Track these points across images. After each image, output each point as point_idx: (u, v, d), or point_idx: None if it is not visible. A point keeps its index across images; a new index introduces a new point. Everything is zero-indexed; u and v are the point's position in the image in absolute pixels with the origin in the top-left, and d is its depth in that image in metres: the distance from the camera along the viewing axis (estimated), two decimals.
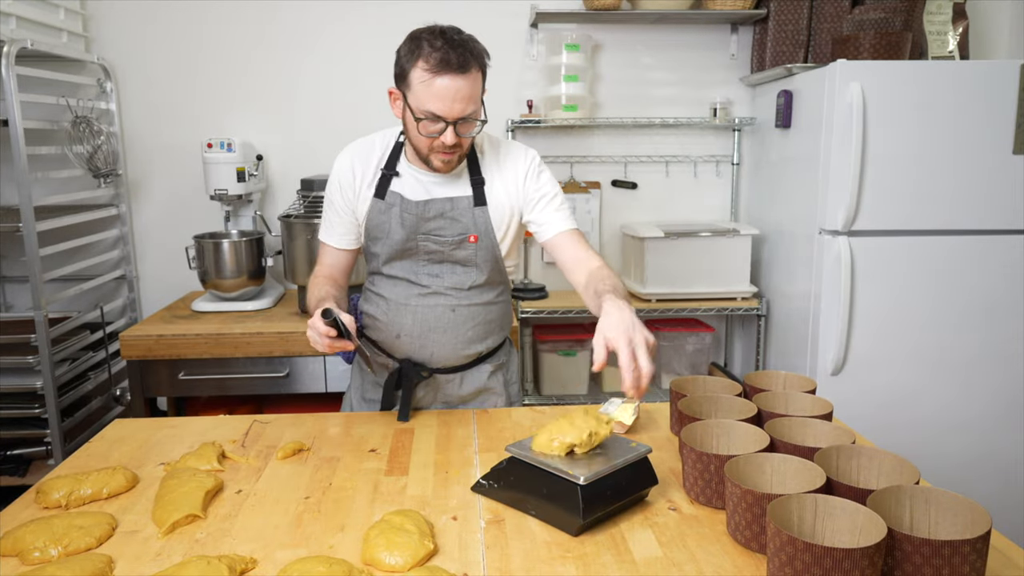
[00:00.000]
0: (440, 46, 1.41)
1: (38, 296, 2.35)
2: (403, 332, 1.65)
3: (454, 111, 1.44)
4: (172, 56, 2.89)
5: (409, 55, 1.45)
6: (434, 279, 1.63)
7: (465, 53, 1.42)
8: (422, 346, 1.65)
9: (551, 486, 1.17)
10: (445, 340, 1.65)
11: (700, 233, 2.81)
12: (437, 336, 1.64)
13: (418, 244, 1.60)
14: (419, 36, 1.45)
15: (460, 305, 1.64)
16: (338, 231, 1.67)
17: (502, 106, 2.97)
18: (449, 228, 1.59)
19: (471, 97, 1.45)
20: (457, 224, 1.59)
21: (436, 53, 1.41)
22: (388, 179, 1.61)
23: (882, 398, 2.52)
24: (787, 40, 2.82)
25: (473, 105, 1.46)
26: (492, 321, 1.70)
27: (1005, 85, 2.37)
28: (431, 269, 1.63)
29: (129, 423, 1.63)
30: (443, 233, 1.59)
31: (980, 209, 2.44)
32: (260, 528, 1.17)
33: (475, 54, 1.45)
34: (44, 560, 1.07)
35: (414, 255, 1.62)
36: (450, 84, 1.42)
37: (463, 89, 1.43)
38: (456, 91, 1.42)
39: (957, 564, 0.92)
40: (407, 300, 1.64)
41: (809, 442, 1.31)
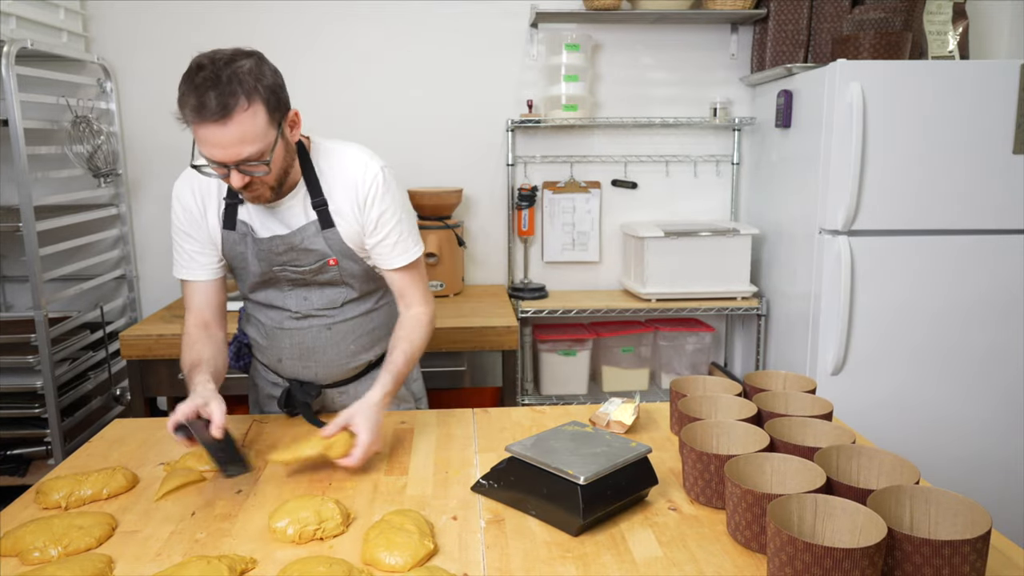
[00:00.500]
0: (195, 85, 1.25)
1: (38, 296, 2.35)
2: (283, 355, 1.61)
3: (229, 156, 1.29)
4: (172, 56, 2.86)
5: (180, 92, 1.29)
6: (303, 302, 1.56)
7: (223, 94, 1.24)
8: (305, 367, 1.61)
9: (551, 486, 1.17)
10: (327, 359, 1.60)
11: (700, 233, 2.81)
12: (318, 356, 1.60)
13: (277, 274, 1.53)
14: (190, 69, 1.28)
15: (335, 323, 1.58)
16: (199, 261, 1.55)
17: (502, 106, 2.97)
18: (304, 257, 1.50)
19: (243, 140, 1.27)
20: (311, 253, 1.49)
21: (191, 98, 1.25)
22: (234, 208, 1.49)
23: (882, 398, 2.52)
24: (787, 40, 2.82)
25: (250, 146, 1.28)
26: (376, 328, 1.63)
27: (1005, 85, 2.37)
28: (298, 293, 1.56)
29: (129, 423, 1.63)
30: (299, 263, 1.50)
31: (980, 209, 2.44)
32: (260, 528, 1.17)
33: (244, 91, 1.26)
34: (44, 560, 1.07)
35: (277, 283, 1.55)
36: (215, 132, 1.26)
37: (231, 134, 1.26)
38: (223, 138, 1.26)
39: (957, 564, 0.92)
40: (281, 324, 1.58)
41: (809, 442, 1.31)
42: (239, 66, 1.27)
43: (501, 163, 3.00)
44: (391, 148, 2.67)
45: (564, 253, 3.07)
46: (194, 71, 1.26)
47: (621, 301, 2.88)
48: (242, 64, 1.27)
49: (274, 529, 1.14)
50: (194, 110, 1.25)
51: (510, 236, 3.06)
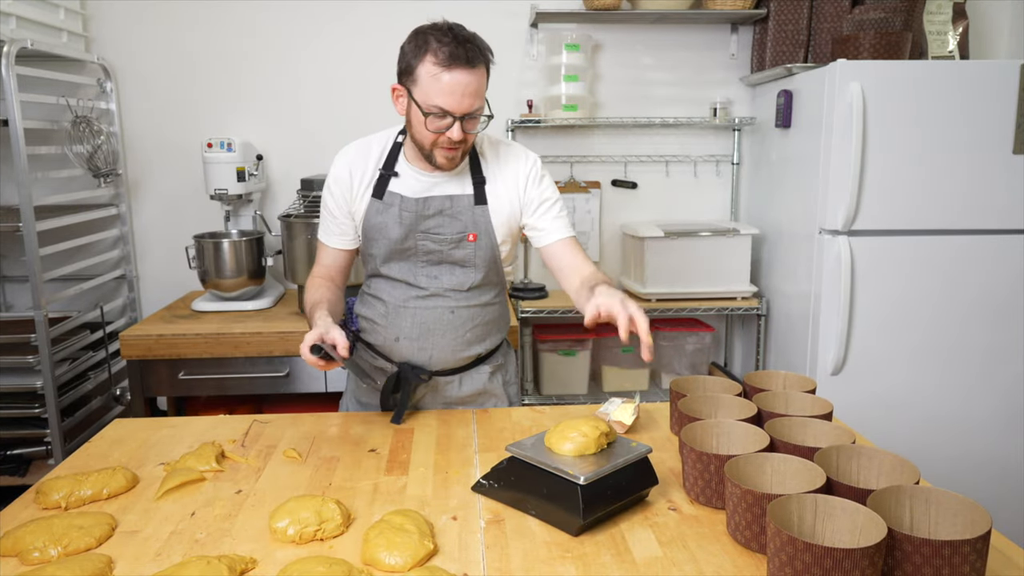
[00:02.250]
0: (448, 41, 1.42)
1: (38, 296, 2.35)
2: (402, 335, 1.64)
3: (462, 106, 1.44)
4: (172, 56, 2.89)
5: (416, 50, 1.45)
6: (432, 280, 1.62)
7: (474, 48, 1.44)
8: (421, 348, 1.64)
9: (551, 486, 1.17)
10: (444, 342, 1.64)
11: (700, 233, 2.81)
12: (436, 338, 1.64)
13: (416, 244, 1.59)
14: (425, 32, 1.46)
15: (459, 307, 1.63)
16: (335, 232, 1.67)
17: (502, 106, 2.96)
18: (448, 226, 1.58)
19: (478, 92, 1.45)
20: (456, 222, 1.58)
21: (445, 48, 1.42)
22: (387, 179, 1.60)
23: (882, 398, 2.52)
24: (787, 40, 2.82)
25: (480, 101, 1.47)
26: (490, 322, 1.69)
27: (1005, 85, 2.37)
28: (429, 271, 1.62)
29: (129, 423, 1.63)
30: (442, 231, 1.58)
31: (980, 209, 2.44)
32: (260, 528, 1.17)
33: (482, 50, 1.46)
34: (44, 560, 1.07)
35: (412, 255, 1.61)
36: (459, 79, 1.42)
37: (471, 84, 1.43)
38: (465, 86, 1.43)
39: (957, 564, 0.92)
40: (405, 302, 1.63)
41: (809, 442, 1.31)
42: (474, 33, 1.48)
43: None
44: None
45: None
46: (440, 29, 1.45)
47: None
48: (474, 32, 1.49)
49: (274, 529, 1.14)
50: (449, 56, 1.41)
51: None
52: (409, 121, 1.53)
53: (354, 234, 1.67)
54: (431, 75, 1.43)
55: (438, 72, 1.42)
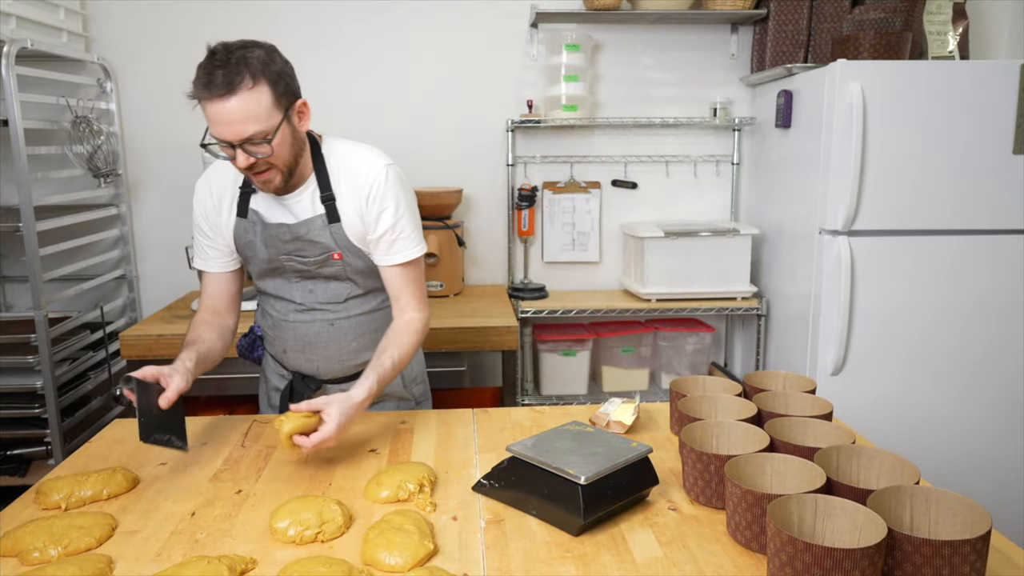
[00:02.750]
0: (206, 65, 1.33)
1: (38, 296, 2.35)
2: (287, 347, 1.65)
3: (234, 133, 1.35)
4: (172, 56, 2.89)
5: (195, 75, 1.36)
6: (308, 295, 1.60)
7: (230, 73, 1.31)
8: (307, 360, 1.64)
9: (552, 486, 1.17)
10: (329, 354, 1.63)
11: (700, 233, 2.81)
12: (320, 351, 1.63)
13: (283, 264, 1.57)
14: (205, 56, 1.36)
15: (339, 319, 1.62)
16: (212, 256, 1.62)
17: (502, 106, 2.97)
18: (309, 249, 1.54)
19: (247, 118, 1.34)
20: (316, 244, 1.53)
21: (202, 76, 1.33)
22: (247, 196, 1.56)
23: (882, 398, 2.52)
24: (787, 40, 2.82)
25: (256, 124, 1.35)
26: (379, 329, 1.63)
27: (1005, 85, 2.37)
28: (303, 285, 1.60)
29: (129, 423, 1.62)
30: (304, 254, 1.55)
31: (980, 209, 2.44)
32: (260, 528, 1.17)
33: (250, 72, 1.33)
34: (44, 560, 1.07)
35: (283, 273, 1.59)
36: (219, 108, 1.33)
37: (234, 111, 1.33)
38: (227, 113, 1.33)
39: (957, 564, 0.92)
40: (285, 316, 1.62)
41: (809, 442, 1.31)
42: (249, 51, 1.35)
43: (501, 163, 3.00)
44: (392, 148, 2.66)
45: (564, 253, 3.07)
46: (208, 55, 1.35)
47: (621, 301, 2.88)
48: (252, 50, 1.36)
49: (275, 529, 1.14)
50: (203, 86, 1.33)
51: (510, 236, 3.06)
52: None
53: (230, 252, 1.61)
54: (202, 107, 1.35)
55: (202, 104, 1.35)
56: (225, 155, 1.41)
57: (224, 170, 1.57)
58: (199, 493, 1.29)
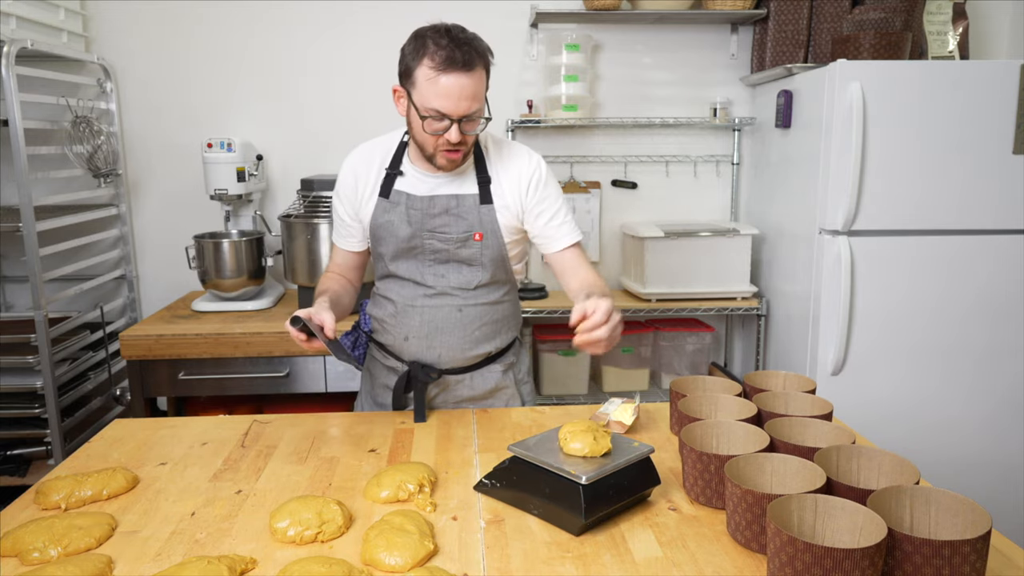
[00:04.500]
0: (445, 44, 1.43)
1: (38, 296, 2.35)
2: (411, 334, 1.65)
3: (459, 108, 1.45)
4: (172, 56, 2.89)
5: (414, 53, 1.46)
6: (439, 279, 1.63)
7: (470, 51, 1.44)
8: (430, 347, 1.65)
9: (553, 486, 1.17)
10: (452, 341, 1.65)
11: (700, 233, 2.81)
12: (444, 337, 1.65)
13: (423, 242, 1.60)
14: (424, 34, 1.46)
15: (467, 305, 1.64)
16: (344, 235, 1.72)
17: (502, 106, 2.96)
18: (454, 225, 1.59)
19: (475, 95, 1.46)
20: (462, 221, 1.59)
21: (441, 51, 1.42)
22: (392, 178, 1.62)
23: (882, 398, 2.52)
24: (787, 40, 2.82)
25: (477, 103, 1.47)
26: (499, 320, 1.69)
27: (1005, 85, 2.37)
28: (436, 269, 1.62)
29: (129, 423, 1.63)
30: (448, 230, 1.59)
31: (980, 209, 2.44)
32: (260, 528, 1.17)
33: (480, 52, 1.46)
34: (44, 560, 1.07)
35: (419, 254, 1.62)
36: (455, 82, 1.43)
37: (468, 87, 1.44)
38: (461, 88, 1.43)
39: (957, 564, 0.92)
40: (413, 301, 1.64)
41: (809, 442, 1.31)
42: (472, 34, 1.48)
43: None
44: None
45: None
46: (438, 31, 1.45)
47: (621, 301, 2.88)
48: (472, 34, 1.49)
49: (275, 529, 1.14)
50: (444, 60, 1.42)
51: None
52: (409, 123, 1.54)
53: (362, 236, 1.70)
54: (428, 78, 1.44)
55: (434, 75, 1.43)
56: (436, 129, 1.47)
57: (370, 153, 1.66)
58: (199, 493, 1.29)
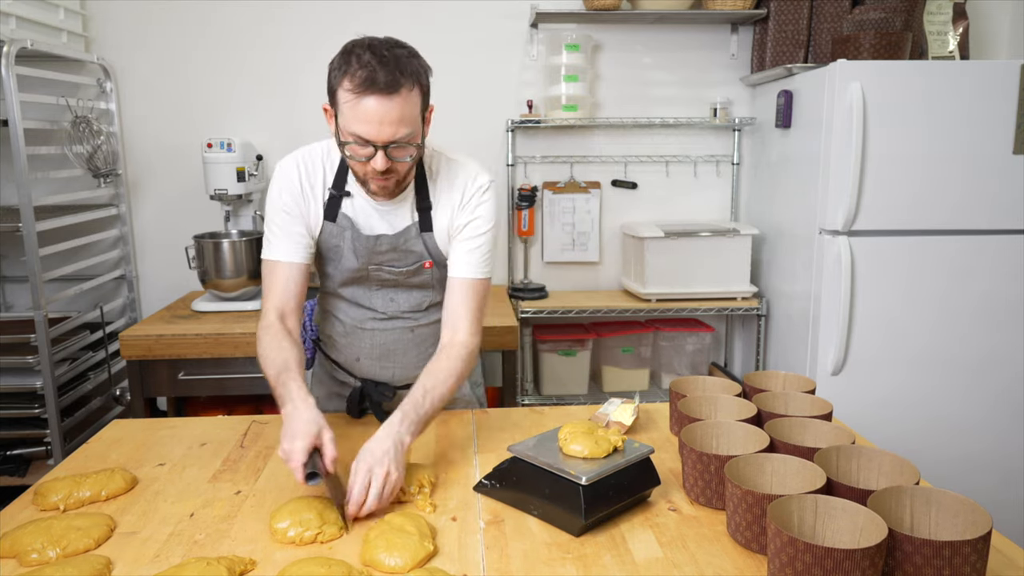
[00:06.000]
0: (367, 61, 1.27)
1: (38, 296, 2.35)
2: (362, 355, 1.61)
3: (382, 134, 1.30)
4: (172, 56, 2.89)
5: (338, 70, 1.31)
6: (390, 303, 1.57)
7: (395, 71, 1.27)
8: (383, 367, 1.61)
9: (553, 486, 1.16)
10: (406, 361, 1.61)
11: (700, 233, 2.81)
12: (397, 357, 1.61)
13: (370, 273, 1.53)
14: (350, 50, 1.31)
15: (418, 325, 1.60)
16: (289, 244, 1.47)
17: (502, 106, 2.97)
18: (402, 259, 1.51)
19: (402, 119, 1.30)
20: (410, 254, 1.51)
21: (362, 71, 1.27)
22: (338, 200, 1.48)
23: (882, 398, 2.52)
24: (787, 40, 2.81)
25: (406, 128, 1.31)
26: None
27: (1005, 85, 2.37)
28: (386, 294, 1.56)
29: (127, 423, 1.62)
30: (396, 264, 1.52)
31: (980, 209, 2.44)
32: (259, 529, 1.17)
33: (409, 71, 1.30)
34: (42, 562, 1.07)
35: (367, 282, 1.55)
36: (376, 105, 1.27)
37: (392, 111, 1.28)
38: (384, 113, 1.28)
39: (958, 565, 0.92)
40: (363, 324, 1.58)
41: (809, 442, 1.31)
42: (402, 51, 1.32)
43: (501, 163, 3.00)
44: None
45: (564, 253, 3.07)
46: (359, 48, 1.30)
47: (621, 301, 2.88)
48: (403, 50, 1.33)
49: (275, 530, 1.14)
50: (363, 82, 1.27)
51: (510, 236, 3.06)
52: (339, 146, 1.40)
53: (309, 245, 1.50)
54: (346, 101, 1.29)
55: (353, 98, 1.28)
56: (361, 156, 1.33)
57: (314, 160, 1.50)
58: (198, 494, 1.29)
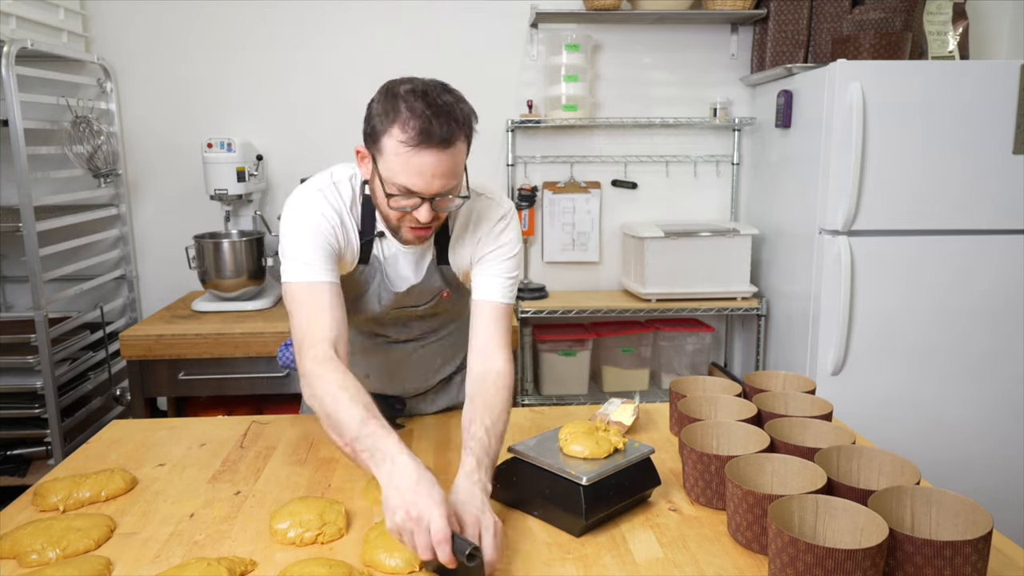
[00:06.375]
0: (421, 112, 1.18)
1: (38, 296, 2.34)
2: (371, 372, 1.58)
3: (432, 188, 1.22)
4: (172, 56, 2.89)
5: (383, 115, 1.22)
6: (403, 329, 1.55)
7: (450, 122, 1.20)
8: (393, 382, 1.60)
9: (553, 486, 1.16)
10: (416, 374, 1.61)
11: (700, 233, 2.80)
12: (408, 373, 1.60)
13: (390, 313, 1.49)
14: (397, 93, 1.22)
15: (429, 343, 1.59)
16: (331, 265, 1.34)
17: (502, 106, 2.97)
18: (422, 297, 1.47)
19: (452, 172, 1.23)
20: (429, 290, 1.46)
21: (416, 120, 1.18)
22: (370, 244, 1.41)
23: (882, 398, 2.52)
24: (787, 40, 2.81)
25: (454, 179, 1.25)
26: (457, 341, 1.60)
27: (1005, 85, 2.37)
28: (401, 322, 1.54)
29: (127, 424, 1.62)
30: (418, 302, 1.48)
31: (980, 209, 2.44)
32: (260, 529, 1.17)
33: (462, 121, 1.22)
34: (42, 562, 1.07)
35: (383, 319, 1.51)
36: (430, 159, 1.19)
37: (444, 163, 1.21)
38: (436, 166, 1.20)
39: (959, 565, 0.92)
40: (375, 345, 1.57)
41: (809, 442, 1.30)
42: (451, 97, 1.23)
43: (501, 163, 3.00)
44: None
45: (564, 253, 3.07)
46: (408, 94, 1.21)
47: (621, 301, 2.88)
48: (452, 96, 1.24)
49: (275, 530, 1.14)
50: (419, 134, 1.18)
51: None
52: (373, 190, 1.31)
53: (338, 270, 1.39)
54: (397, 153, 1.20)
55: (405, 151, 1.19)
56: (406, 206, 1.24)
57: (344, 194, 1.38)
58: (198, 494, 1.29)
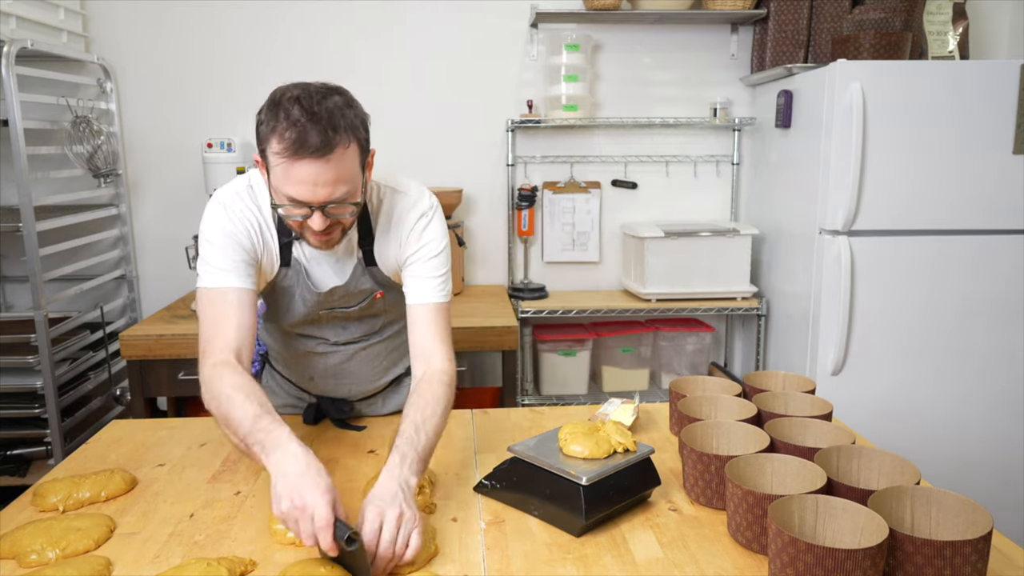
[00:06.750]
0: (296, 120, 1.15)
1: (38, 296, 2.34)
2: (315, 375, 1.56)
3: (318, 196, 1.19)
4: (172, 56, 2.89)
5: (265, 125, 1.18)
6: (342, 332, 1.52)
7: (328, 129, 1.15)
8: (338, 384, 1.58)
9: (553, 486, 1.16)
10: (361, 377, 1.58)
11: (700, 233, 2.80)
12: (352, 375, 1.57)
13: (320, 315, 1.47)
14: (279, 101, 1.19)
15: (371, 344, 1.56)
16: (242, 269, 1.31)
17: (502, 106, 2.97)
18: (353, 299, 1.45)
19: (339, 179, 1.19)
20: (361, 293, 1.45)
21: (291, 131, 1.14)
22: (289, 245, 1.39)
23: (882, 398, 2.52)
24: (787, 40, 2.81)
25: (343, 187, 1.20)
26: (403, 342, 1.55)
27: (1005, 85, 2.37)
28: (337, 324, 1.51)
29: (127, 424, 1.62)
30: (348, 304, 1.46)
31: (980, 209, 2.44)
32: (259, 529, 1.17)
33: (343, 127, 1.18)
34: (42, 563, 1.07)
35: (317, 322, 1.49)
36: (310, 170, 1.16)
37: (327, 172, 1.17)
38: (317, 175, 1.17)
39: (959, 565, 0.92)
40: (314, 348, 1.53)
41: (809, 442, 1.30)
42: (334, 102, 1.20)
43: (501, 163, 3.00)
44: (391, 149, 2.68)
45: (564, 253, 3.07)
46: (287, 103, 1.17)
47: (621, 301, 2.88)
48: (336, 100, 1.21)
49: (274, 531, 1.14)
50: (293, 144, 1.15)
51: (510, 236, 3.06)
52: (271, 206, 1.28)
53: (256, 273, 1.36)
54: (276, 164, 1.18)
55: (282, 162, 1.16)
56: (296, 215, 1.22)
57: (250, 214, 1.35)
58: (198, 494, 1.29)
